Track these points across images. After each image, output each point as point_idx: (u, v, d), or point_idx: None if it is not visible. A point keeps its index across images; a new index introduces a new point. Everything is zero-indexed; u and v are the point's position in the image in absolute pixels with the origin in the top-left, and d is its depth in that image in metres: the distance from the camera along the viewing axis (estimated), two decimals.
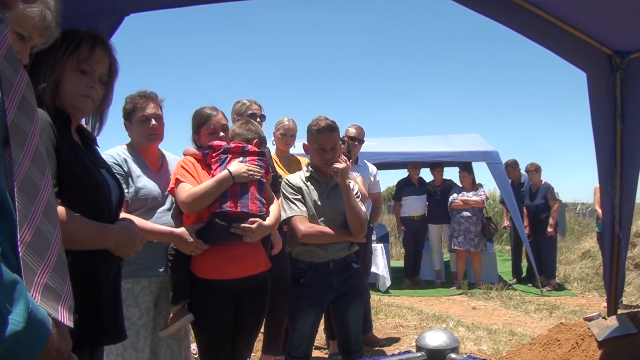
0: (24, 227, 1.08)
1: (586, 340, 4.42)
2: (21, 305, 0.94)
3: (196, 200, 3.03)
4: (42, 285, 1.11)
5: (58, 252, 1.21)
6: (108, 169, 2.27)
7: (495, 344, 5.93)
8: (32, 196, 1.14)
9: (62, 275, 1.20)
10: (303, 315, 3.43)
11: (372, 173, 6.24)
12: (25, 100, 1.16)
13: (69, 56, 2.04)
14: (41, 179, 1.18)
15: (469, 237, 9.41)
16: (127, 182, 3.02)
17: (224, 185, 3.05)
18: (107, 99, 2.23)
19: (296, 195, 3.48)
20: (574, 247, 13.47)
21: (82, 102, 2.08)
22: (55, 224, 1.22)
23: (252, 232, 3.07)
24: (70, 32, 2.07)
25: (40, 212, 1.15)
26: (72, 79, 2.05)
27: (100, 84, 2.14)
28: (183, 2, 3.32)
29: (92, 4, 2.86)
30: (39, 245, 1.12)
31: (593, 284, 9.78)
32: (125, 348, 2.96)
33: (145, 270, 3.06)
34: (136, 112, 3.13)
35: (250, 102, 4.36)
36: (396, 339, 6.32)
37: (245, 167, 3.12)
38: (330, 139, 3.49)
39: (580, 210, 24.67)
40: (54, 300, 1.13)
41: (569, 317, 7.15)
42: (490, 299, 8.63)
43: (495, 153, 9.53)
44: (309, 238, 3.36)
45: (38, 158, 1.18)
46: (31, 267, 1.09)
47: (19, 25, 1.56)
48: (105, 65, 2.14)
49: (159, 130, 3.19)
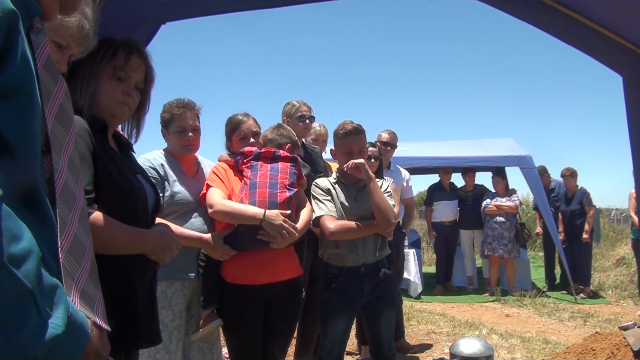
0: (63, 234, 1.10)
1: (622, 350, 4.33)
2: (61, 309, 0.95)
3: (222, 213, 3.06)
4: (80, 290, 1.13)
5: (92, 258, 1.23)
6: (144, 174, 2.30)
7: (529, 352, 5.85)
8: (70, 203, 1.16)
9: (95, 281, 1.22)
10: (334, 320, 3.43)
11: (405, 178, 6.22)
12: (63, 109, 1.18)
13: (105, 64, 2.08)
14: (76, 186, 1.20)
15: (503, 243, 9.28)
16: (163, 186, 3.06)
17: (250, 220, 3.03)
18: (143, 106, 2.27)
19: (325, 195, 3.50)
20: (608, 253, 13.25)
21: (118, 109, 2.11)
22: (88, 231, 1.24)
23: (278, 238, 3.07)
24: (107, 40, 2.10)
25: (77, 219, 1.17)
26: (108, 86, 2.08)
27: (137, 91, 2.17)
28: (216, 10, 3.36)
29: (129, 13, 2.91)
30: (76, 251, 1.14)
31: (628, 292, 9.59)
32: (157, 350, 2.99)
33: (179, 273, 3.10)
34: (174, 122, 3.17)
35: (300, 104, 4.38)
36: (428, 346, 6.28)
37: (281, 223, 3.04)
38: (357, 142, 3.49)
39: (615, 216, 24.17)
40: (88, 305, 1.15)
41: (604, 326, 7.03)
42: (524, 306, 8.51)
43: (528, 158, 9.40)
44: (337, 234, 3.36)
45: (73, 166, 1.20)
46: (70, 272, 1.10)
47: (57, 34, 1.59)
48: (141, 73, 2.17)
49: (195, 142, 3.23)
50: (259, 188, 3.13)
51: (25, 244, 0.87)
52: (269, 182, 3.16)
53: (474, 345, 2.50)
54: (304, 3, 3.66)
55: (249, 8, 3.52)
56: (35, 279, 0.88)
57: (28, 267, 0.87)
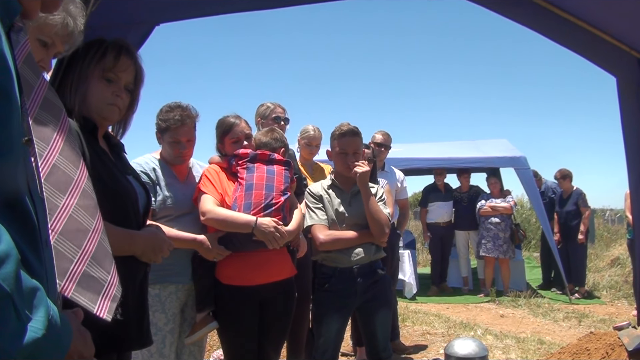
0: (54, 216, 1.09)
1: (616, 350, 4.33)
2: (42, 312, 0.94)
3: (214, 221, 3.06)
4: (80, 274, 1.11)
5: (99, 241, 1.20)
6: (135, 175, 2.30)
7: (524, 352, 5.86)
8: (63, 186, 1.14)
9: (106, 265, 1.20)
10: (328, 320, 3.43)
11: (399, 179, 6.22)
12: (48, 100, 1.18)
13: (94, 66, 2.07)
14: (74, 170, 1.19)
15: (498, 244, 9.30)
16: (155, 190, 3.05)
17: (242, 228, 3.05)
18: (132, 107, 2.26)
19: (317, 204, 3.52)
20: (603, 254, 13.29)
21: (108, 111, 2.11)
22: (93, 213, 1.22)
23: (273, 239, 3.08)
24: (96, 41, 2.09)
25: (73, 201, 1.15)
26: (98, 88, 2.07)
27: (126, 92, 2.16)
28: (211, 11, 3.36)
29: (123, 15, 2.91)
30: (72, 233, 1.12)
31: (622, 292, 9.62)
32: (151, 354, 2.97)
33: (173, 277, 3.08)
34: (169, 132, 3.08)
35: (275, 105, 4.35)
36: (423, 347, 6.28)
37: (272, 230, 3.06)
38: (353, 143, 3.52)
39: (609, 216, 24.25)
40: (93, 289, 1.13)
41: (598, 326, 7.04)
42: (519, 306, 8.52)
43: (523, 159, 9.43)
44: (327, 245, 3.40)
45: (68, 151, 1.19)
46: (66, 255, 1.08)
47: (41, 32, 1.59)
48: (130, 74, 2.17)
49: (188, 153, 3.20)
50: (255, 190, 3.14)
51: (3, 247, 0.86)
52: (265, 184, 3.17)
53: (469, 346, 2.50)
54: (295, 5, 3.66)
55: (243, 9, 3.52)
56: (13, 282, 0.87)
57: (6, 270, 0.85)
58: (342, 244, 3.41)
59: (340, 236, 3.42)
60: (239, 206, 3.10)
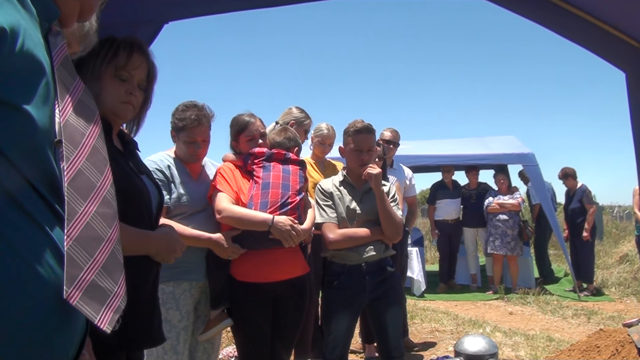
0: (72, 222, 1.09)
1: (626, 347, 4.32)
2: None
3: (231, 219, 3.07)
4: (88, 283, 1.11)
5: (112, 251, 1.21)
6: (149, 174, 2.30)
7: (533, 349, 5.85)
8: (85, 192, 1.15)
9: (115, 275, 1.20)
10: (337, 318, 3.43)
11: (408, 176, 6.22)
12: (82, 103, 1.19)
13: (107, 64, 2.07)
14: (98, 177, 1.19)
15: (506, 241, 9.27)
16: (170, 188, 3.05)
17: (259, 226, 3.07)
18: (146, 104, 2.26)
19: (327, 201, 3.51)
20: (611, 251, 13.22)
21: (122, 109, 2.11)
22: (111, 222, 1.22)
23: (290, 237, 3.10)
24: (107, 39, 2.09)
25: (93, 208, 1.16)
26: (111, 86, 2.08)
27: (140, 90, 2.16)
28: (219, 9, 3.36)
29: (132, 13, 2.91)
30: (87, 240, 1.13)
31: (631, 289, 9.59)
32: (165, 351, 2.99)
33: (187, 274, 3.09)
34: (185, 131, 3.08)
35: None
36: (432, 344, 6.28)
37: (289, 228, 3.08)
38: (367, 141, 3.52)
39: (618, 213, 24.12)
40: (98, 300, 1.14)
41: (607, 323, 7.02)
42: (527, 303, 8.51)
43: (531, 155, 9.41)
44: (337, 244, 3.40)
45: (96, 157, 1.19)
46: (77, 263, 1.09)
47: None
48: (143, 71, 2.17)
49: (203, 153, 3.21)
50: (271, 189, 3.15)
51: None
52: (281, 183, 3.19)
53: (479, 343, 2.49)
54: (306, 2, 3.65)
55: (252, 7, 3.52)
56: None
57: None
58: (351, 243, 3.42)
59: (350, 234, 3.42)
60: (255, 204, 3.11)
